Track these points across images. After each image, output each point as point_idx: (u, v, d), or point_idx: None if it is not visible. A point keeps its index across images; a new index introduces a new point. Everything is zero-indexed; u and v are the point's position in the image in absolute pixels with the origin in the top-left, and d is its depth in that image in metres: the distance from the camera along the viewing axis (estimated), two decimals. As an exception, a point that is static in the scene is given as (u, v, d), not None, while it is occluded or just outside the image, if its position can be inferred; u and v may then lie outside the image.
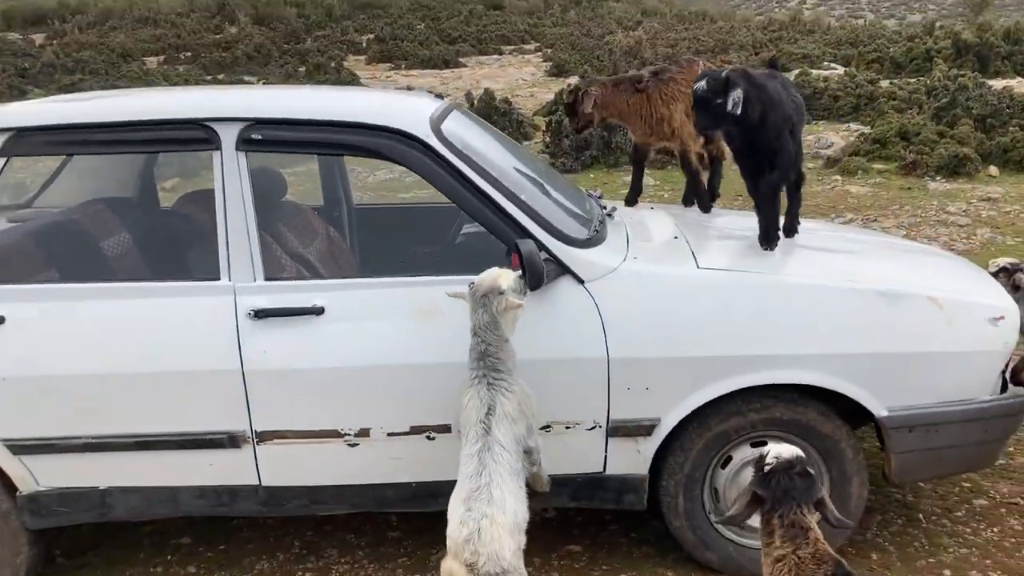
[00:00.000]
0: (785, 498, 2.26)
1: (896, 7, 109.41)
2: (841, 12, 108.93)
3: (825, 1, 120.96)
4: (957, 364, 3.02)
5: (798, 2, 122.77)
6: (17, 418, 3.04)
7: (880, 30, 37.27)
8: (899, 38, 29.10)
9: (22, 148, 3.08)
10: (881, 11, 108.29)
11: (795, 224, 3.59)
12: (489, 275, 2.73)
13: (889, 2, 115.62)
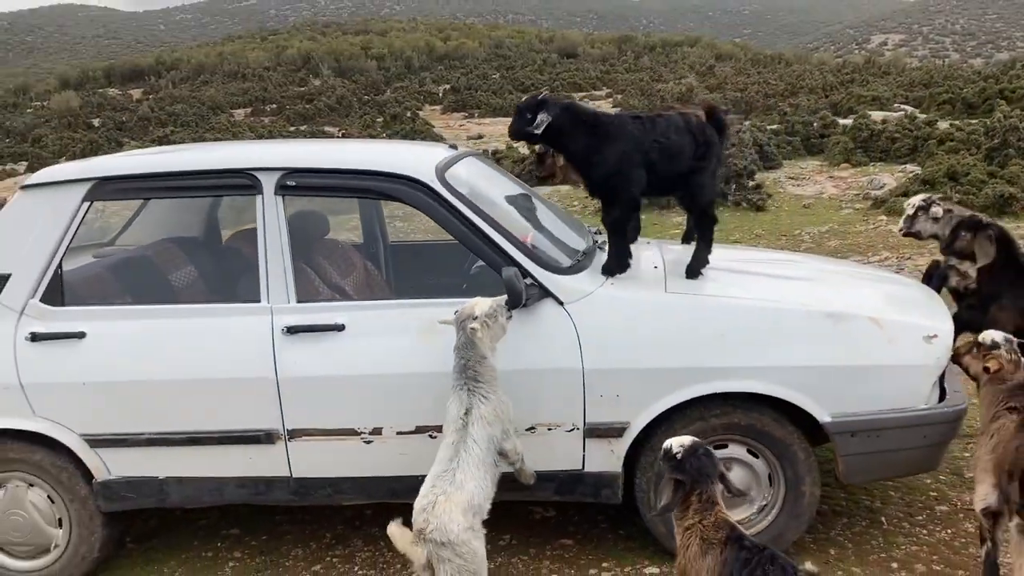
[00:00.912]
0: (701, 476, 2.70)
1: (982, 46, 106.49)
2: (924, 53, 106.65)
3: (908, 42, 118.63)
4: (895, 376, 3.40)
5: (879, 44, 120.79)
6: (94, 417, 3.67)
7: (956, 71, 36.88)
8: (977, 78, 28.89)
9: (102, 194, 3.75)
10: (967, 50, 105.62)
11: (698, 266, 3.73)
12: (469, 304, 3.25)
13: (975, 41, 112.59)
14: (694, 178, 3.70)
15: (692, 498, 2.70)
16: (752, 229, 11.19)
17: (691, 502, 2.70)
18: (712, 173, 3.77)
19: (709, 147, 3.70)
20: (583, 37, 73.73)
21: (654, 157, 3.62)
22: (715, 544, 2.59)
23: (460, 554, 2.94)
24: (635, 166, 3.62)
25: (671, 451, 2.75)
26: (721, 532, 2.62)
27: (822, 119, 19.34)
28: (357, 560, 3.94)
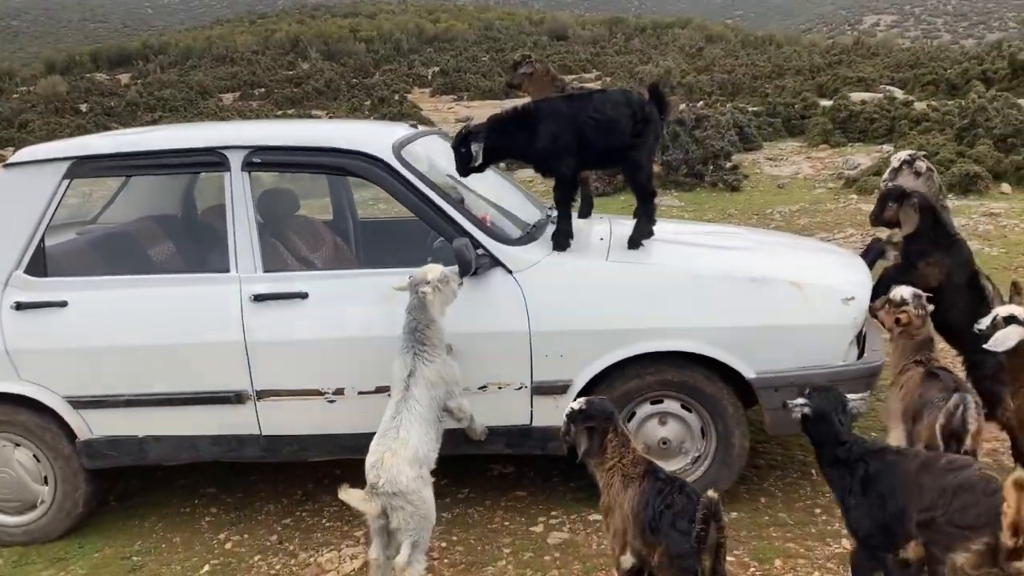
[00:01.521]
0: (607, 415, 2.97)
1: (974, 26, 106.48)
2: (916, 33, 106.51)
3: (900, 23, 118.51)
4: (814, 335, 3.69)
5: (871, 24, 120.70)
6: (76, 380, 3.94)
7: (943, 52, 37.09)
8: (963, 59, 29.13)
9: (80, 172, 4.01)
10: (959, 31, 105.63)
11: (639, 237, 3.97)
12: (422, 270, 3.52)
13: (967, 22, 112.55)
14: (631, 153, 3.93)
15: (608, 441, 2.96)
16: (726, 209, 11.46)
17: (607, 445, 2.96)
18: (650, 149, 4.01)
19: (647, 123, 3.91)
20: (574, 19, 73.64)
21: (589, 133, 3.86)
22: (635, 478, 2.86)
23: (411, 501, 3.21)
24: (565, 145, 3.86)
25: (574, 409, 3.01)
26: (639, 467, 2.90)
27: (803, 101, 19.60)
28: (325, 514, 4.22)
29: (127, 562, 3.96)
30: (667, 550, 2.66)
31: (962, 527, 2.56)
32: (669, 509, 2.71)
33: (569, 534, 3.82)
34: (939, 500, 2.64)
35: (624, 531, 2.84)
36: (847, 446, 2.91)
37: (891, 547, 2.80)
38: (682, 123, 14.31)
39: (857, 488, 2.87)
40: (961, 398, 3.19)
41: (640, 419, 3.84)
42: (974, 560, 2.54)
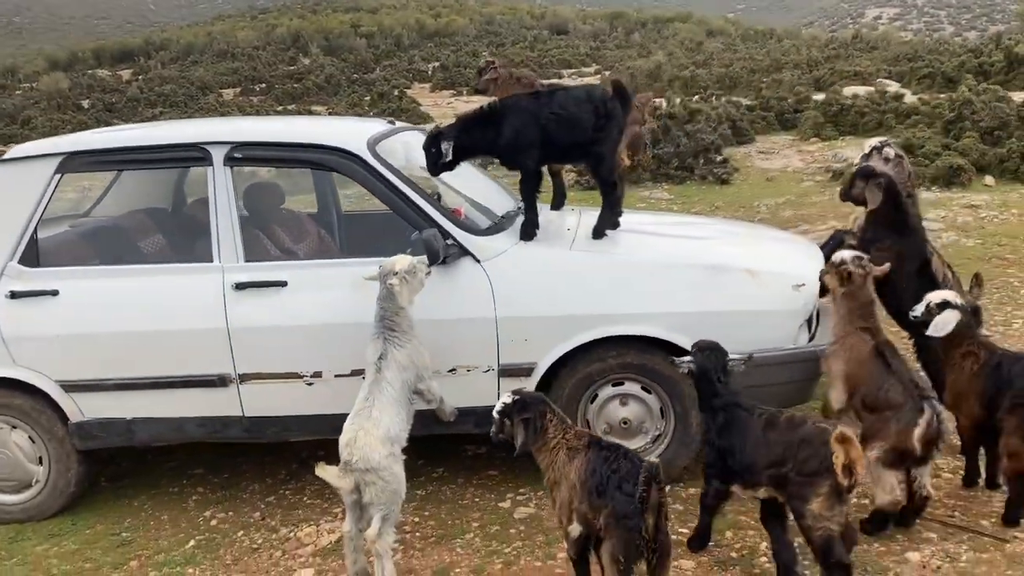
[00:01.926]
0: (540, 403, 3.16)
1: (977, 18, 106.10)
2: (919, 26, 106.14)
3: (903, 15, 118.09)
4: (767, 320, 3.89)
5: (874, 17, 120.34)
6: (68, 365, 4.14)
7: (942, 45, 37.15)
8: (961, 52, 29.23)
9: (72, 167, 4.22)
10: (961, 23, 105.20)
11: (603, 227, 4.17)
12: (391, 260, 3.71)
13: (970, 14, 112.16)
14: (593, 148, 4.11)
15: (547, 423, 3.12)
16: (713, 201, 11.65)
17: (548, 427, 3.12)
18: (613, 144, 4.19)
19: (609, 119, 4.08)
20: (575, 13, 73.65)
21: (552, 128, 4.04)
22: (579, 450, 3.05)
23: (382, 477, 3.41)
24: (529, 140, 4.05)
25: (507, 403, 3.15)
26: (583, 439, 3.10)
27: (796, 95, 19.76)
28: (307, 492, 4.44)
29: (117, 538, 4.17)
30: (613, 511, 2.85)
31: (808, 476, 2.98)
32: (615, 474, 2.90)
33: (535, 509, 4.03)
34: (786, 455, 3.05)
35: (570, 501, 3.02)
36: (721, 398, 3.31)
37: (726, 481, 3.31)
38: (673, 117, 14.51)
39: (714, 433, 3.32)
40: (932, 408, 3.37)
41: (602, 400, 4.04)
42: (824, 503, 2.95)
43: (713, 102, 19.46)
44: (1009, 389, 3.54)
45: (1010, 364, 3.62)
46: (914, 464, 3.43)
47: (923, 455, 3.37)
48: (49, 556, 4.05)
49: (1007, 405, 3.54)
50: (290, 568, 3.76)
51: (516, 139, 4.04)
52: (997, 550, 3.37)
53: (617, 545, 2.84)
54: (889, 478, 3.43)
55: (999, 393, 3.56)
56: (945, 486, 3.92)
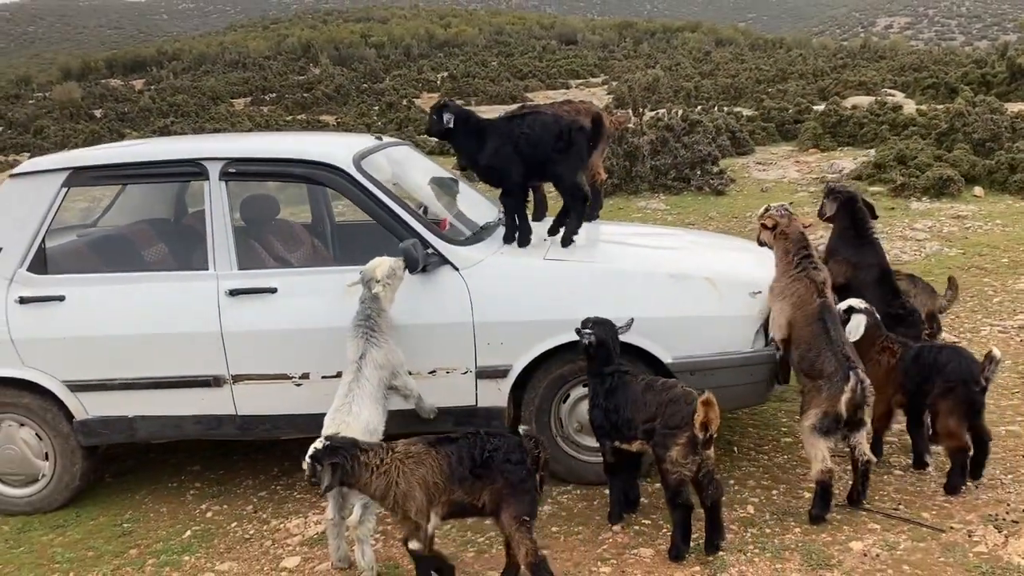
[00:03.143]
0: (351, 447, 3.23)
1: (988, 28, 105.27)
2: (930, 35, 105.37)
3: (913, 25, 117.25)
4: (725, 325, 4.14)
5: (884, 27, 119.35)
6: (73, 366, 4.42)
7: (949, 55, 37.31)
8: (966, 62, 29.38)
9: (77, 181, 4.51)
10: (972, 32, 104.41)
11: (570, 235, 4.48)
12: (372, 264, 3.98)
13: (981, 23, 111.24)
14: (555, 167, 4.45)
15: (367, 460, 3.23)
16: (707, 212, 11.88)
17: (366, 463, 3.22)
18: (572, 164, 4.46)
19: (571, 144, 4.42)
20: (584, 23, 73.98)
21: (522, 147, 4.37)
22: (426, 455, 3.28)
23: (362, 468, 3.67)
24: (509, 158, 4.40)
25: (318, 448, 3.20)
26: (418, 445, 3.33)
27: (797, 105, 20.00)
28: (297, 488, 4.70)
29: (118, 528, 4.43)
30: (507, 482, 3.24)
31: (672, 428, 3.53)
32: (497, 451, 3.27)
33: (509, 503, 4.27)
34: (657, 412, 3.61)
35: (428, 503, 3.26)
36: (611, 365, 3.81)
37: (614, 439, 3.81)
38: (671, 129, 14.76)
39: (601, 396, 3.80)
40: (857, 376, 3.69)
41: (574, 400, 4.29)
42: (682, 451, 3.50)
43: (714, 113, 19.71)
44: (939, 376, 3.93)
45: (934, 353, 4.03)
46: (847, 431, 3.75)
47: (851, 419, 3.72)
48: (54, 545, 4.32)
49: (938, 390, 3.93)
50: (279, 556, 4.01)
51: (495, 157, 4.41)
52: (934, 539, 3.60)
53: (519, 507, 3.24)
54: (821, 448, 3.75)
55: (926, 380, 3.93)
56: (895, 482, 4.15)
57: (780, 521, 3.86)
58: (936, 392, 3.94)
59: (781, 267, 4.05)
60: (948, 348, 4.22)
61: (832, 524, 3.78)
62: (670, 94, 28.34)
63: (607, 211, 12.17)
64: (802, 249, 4.01)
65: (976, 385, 3.91)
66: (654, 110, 20.37)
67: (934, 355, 4.03)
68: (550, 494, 4.30)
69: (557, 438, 4.34)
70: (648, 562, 3.65)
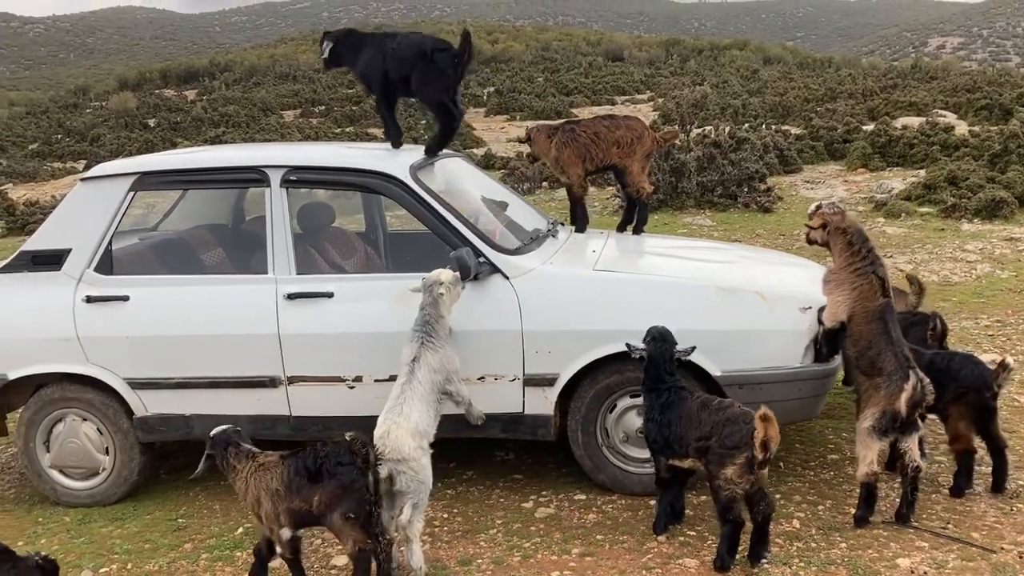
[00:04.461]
0: (226, 444, 3.66)
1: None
2: (983, 56, 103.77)
3: (967, 45, 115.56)
4: (774, 339, 4.16)
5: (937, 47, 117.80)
6: (135, 364, 4.57)
7: (1004, 76, 36.72)
8: (1022, 83, 28.93)
9: (143, 186, 4.68)
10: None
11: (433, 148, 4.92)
12: (433, 274, 4.07)
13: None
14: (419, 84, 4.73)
15: (230, 460, 3.63)
16: (754, 229, 11.86)
17: (232, 464, 3.62)
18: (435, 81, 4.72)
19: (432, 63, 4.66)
20: (631, 40, 74.02)
21: (389, 62, 4.77)
22: (274, 465, 3.54)
23: (412, 467, 3.74)
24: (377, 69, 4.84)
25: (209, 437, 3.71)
26: (272, 457, 3.58)
27: (846, 124, 19.85)
28: (346, 489, 4.79)
29: (173, 523, 4.56)
30: (339, 484, 3.41)
31: (730, 448, 3.53)
32: (327, 459, 3.45)
33: (555, 510, 4.33)
34: (712, 431, 3.61)
35: (275, 508, 3.50)
36: (666, 382, 3.83)
37: (668, 454, 3.84)
38: (719, 145, 14.75)
39: (656, 410, 3.82)
40: (917, 376, 3.75)
41: (621, 410, 4.34)
42: (738, 471, 3.51)
43: (762, 131, 19.62)
44: (952, 381, 4.02)
45: (947, 360, 4.12)
46: (902, 433, 3.77)
47: (908, 420, 3.74)
48: (113, 537, 4.46)
49: (950, 395, 4.02)
50: (328, 555, 4.10)
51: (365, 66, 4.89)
52: (984, 560, 3.59)
53: (347, 505, 3.43)
54: (873, 450, 3.80)
55: (939, 386, 3.92)
56: (943, 500, 4.14)
57: (826, 536, 3.87)
58: (948, 397, 4.02)
59: (843, 259, 4.01)
60: (960, 355, 4.28)
61: (879, 540, 3.79)
62: (717, 111, 28.29)
63: (652, 226, 12.20)
64: (866, 242, 4.01)
65: (988, 391, 4.02)
66: (701, 127, 20.36)
67: (947, 361, 4.13)
68: (595, 503, 4.36)
69: (603, 448, 4.40)
70: (693, 573, 3.68)
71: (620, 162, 5.21)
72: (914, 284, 5.08)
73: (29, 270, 4.70)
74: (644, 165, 5.20)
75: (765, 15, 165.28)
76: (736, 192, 13.65)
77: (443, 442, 4.00)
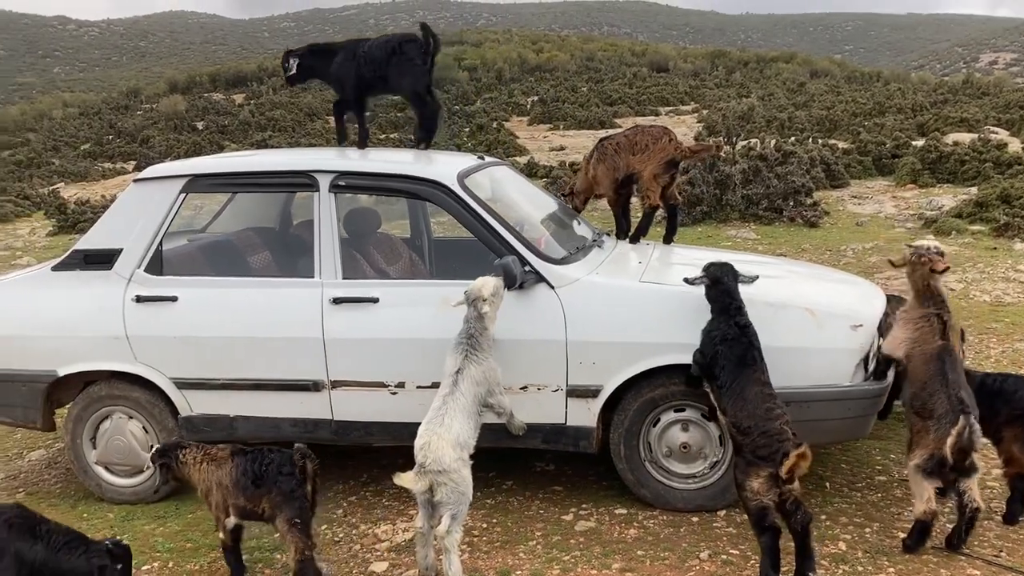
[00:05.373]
0: (176, 447, 3.92)
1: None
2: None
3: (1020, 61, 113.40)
4: (823, 357, 4.08)
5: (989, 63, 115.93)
6: (182, 364, 4.62)
7: (1058, 93, 35.92)
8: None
9: (195, 188, 4.73)
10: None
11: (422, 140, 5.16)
12: (476, 283, 4.05)
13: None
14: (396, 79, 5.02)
15: (185, 456, 3.88)
16: (800, 244, 11.71)
17: (187, 460, 3.87)
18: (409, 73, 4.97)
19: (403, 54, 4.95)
20: (676, 51, 73.62)
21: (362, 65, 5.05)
22: (224, 460, 3.81)
23: (452, 479, 3.73)
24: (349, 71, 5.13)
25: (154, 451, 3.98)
26: (224, 451, 3.84)
27: (895, 140, 19.54)
28: (385, 495, 4.79)
29: (214, 523, 4.58)
30: (280, 490, 3.63)
31: (759, 458, 3.52)
32: (271, 464, 3.69)
33: (595, 523, 4.29)
34: (752, 429, 3.59)
35: (224, 501, 3.77)
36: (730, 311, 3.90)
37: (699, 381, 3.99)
38: (764, 158, 14.60)
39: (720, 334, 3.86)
40: (967, 421, 3.61)
41: (664, 424, 4.29)
42: (764, 484, 3.49)
43: (808, 144, 19.39)
44: (1006, 404, 3.97)
45: (1000, 382, 4.09)
46: (958, 476, 3.67)
47: (960, 465, 3.64)
48: (155, 535, 4.50)
49: (1003, 418, 3.97)
50: (367, 560, 4.10)
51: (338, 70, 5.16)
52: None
53: (291, 511, 3.64)
54: (926, 488, 3.70)
55: (991, 408, 3.92)
56: (996, 527, 4.03)
57: (873, 560, 3.79)
58: (1001, 419, 3.97)
59: (917, 299, 4.04)
60: (1013, 377, 4.21)
61: (928, 566, 3.70)
62: (762, 124, 28.01)
63: (695, 238, 12.11)
64: (939, 290, 4.01)
65: None
66: (746, 139, 20.18)
67: (999, 383, 4.08)
68: (636, 517, 4.31)
69: (645, 462, 4.35)
70: (735, 591, 3.62)
71: (637, 168, 5.19)
72: None
73: (81, 268, 4.77)
74: (659, 172, 5.13)
75: (812, 28, 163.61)
76: (781, 206, 13.49)
77: (482, 452, 3.98)
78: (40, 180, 28.71)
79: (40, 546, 3.27)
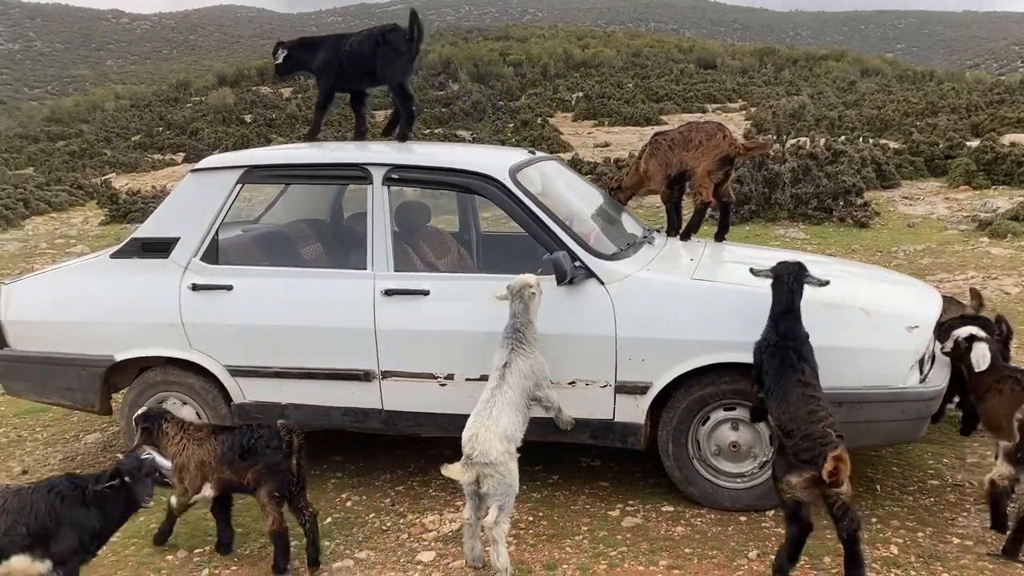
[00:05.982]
0: (159, 416, 4.14)
1: None
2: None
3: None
4: (878, 358, 4.03)
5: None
6: (236, 352, 4.70)
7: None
8: None
9: (251, 179, 4.80)
10: None
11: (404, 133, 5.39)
12: (520, 278, 4.07)
13: None
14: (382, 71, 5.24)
15: (166, 429, 4.08)
16: (850, 244, 11.56)
17: (168, 432, 4.08)
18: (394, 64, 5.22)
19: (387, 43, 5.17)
20: (723, 48, 72.99)
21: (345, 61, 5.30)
22: (205, 438, 4.02)
23: (499, 471, 3.75)
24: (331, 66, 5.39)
25: (137, 415, 4.18)
26: (203, 431, 4.09)
27: (949, 140, 19.18)
28: (432, 485, 4.83)
29: (265, 509, 4.66)
30: (266, 464, 3.86)
31: (800, 461, 3.46)
32: (260, 439, 3.90)
33: (642, 520, 4.28)
34: (793, 431, 3.53)
35: (202, 476, 4.01)
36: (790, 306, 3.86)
37: None
38: (814, 157, 14.42)
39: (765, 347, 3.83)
40: None
41: (714, 423, 4.26)
42: (803, 484, 3.45)
43: (859, 144, 19.10)
44: None
45: None
46: None
47: None
48: (207, 520, 4.55)
49: None
50: (414, 550, 4.14)
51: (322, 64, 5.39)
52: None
53: (272, 484, 3.86)
54: None
55: None
56: (1052, 536, 3.95)
57: (926, 565, 3.73)
58: None
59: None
60: None
61: (984, 573, 3.64)
62: (812, 122, 27.65)
63: (743, 236, 12.01)
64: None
65: None
66: (796, 138, 19.95)
67: None
68: (683, 515, 4.30)
69: (694, 460, 4.33)
70: (784, 592, 3.59)
71: (691, 164, 5.16)
72: (976, 298, 5.13)
73: (139, 256, 4.86)
74: (712, 169, 5.10)
75: (864, 26, 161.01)
76: (831, 205, 13.32)
77: (528, 445, 3.99)
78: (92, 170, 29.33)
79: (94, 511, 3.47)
